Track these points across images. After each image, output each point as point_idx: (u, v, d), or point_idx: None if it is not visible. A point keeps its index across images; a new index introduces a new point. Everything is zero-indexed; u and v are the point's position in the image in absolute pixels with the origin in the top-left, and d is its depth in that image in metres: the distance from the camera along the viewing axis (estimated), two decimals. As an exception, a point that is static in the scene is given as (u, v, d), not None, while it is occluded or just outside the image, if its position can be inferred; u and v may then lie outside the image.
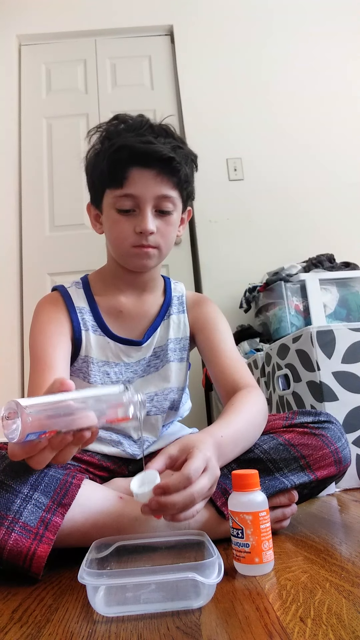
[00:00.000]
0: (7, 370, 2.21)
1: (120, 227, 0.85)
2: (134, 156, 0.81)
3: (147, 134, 0.83)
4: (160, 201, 0.84)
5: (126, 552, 0.64)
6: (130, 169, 0.82)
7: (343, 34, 2.58)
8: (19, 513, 0.64)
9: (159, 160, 0.81)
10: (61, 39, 2.57)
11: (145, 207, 0.83)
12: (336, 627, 0.44)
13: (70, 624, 0.50)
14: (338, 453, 0.79)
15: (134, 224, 0.84)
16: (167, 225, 0.87)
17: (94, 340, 0.90)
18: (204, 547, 0.61)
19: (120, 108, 2.48)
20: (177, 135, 0.89)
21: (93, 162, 0.89)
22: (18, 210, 2.39)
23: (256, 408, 0.80)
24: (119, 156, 0.82)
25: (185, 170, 0.85)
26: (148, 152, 0.81)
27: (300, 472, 0.77)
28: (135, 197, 0.83)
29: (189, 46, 2.54)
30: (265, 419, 0.82)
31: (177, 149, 0.84)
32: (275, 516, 0.77)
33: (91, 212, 0.94)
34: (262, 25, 2.57)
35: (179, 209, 0.90)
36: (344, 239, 2.29)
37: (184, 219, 0.96)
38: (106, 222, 0.89)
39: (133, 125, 0.86)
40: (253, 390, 0.83)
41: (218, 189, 2.39)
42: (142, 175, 0.82)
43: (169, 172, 0.83)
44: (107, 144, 0.85)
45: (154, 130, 0.85)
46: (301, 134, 2.46)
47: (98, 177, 0.87)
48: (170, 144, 0.84)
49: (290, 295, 1.79)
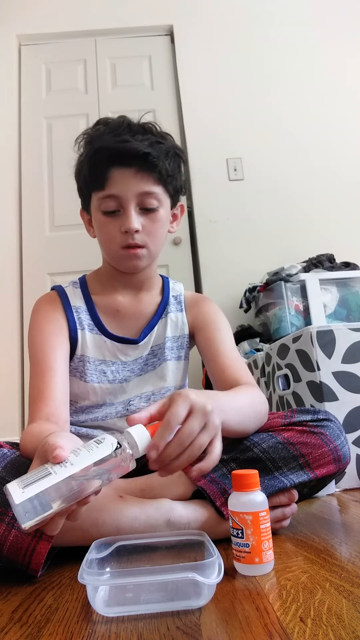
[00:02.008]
0: (7, 370, 2.21)
1: (108, 229, 0.86)
2: (111, 156, 0.82)
3: (124, 134, 0.84)
4: (143, 198, 0.84)
5: (126, 552, 0.64)
6: (110, 170, 0.83)
7: (344, 34, 2.58)
8: None
9: (135, 158, 0.82)
10: (61, 39, 2.57)
11: (128, 206, 0.83)
12: (336, 627, 0.44)
13: (70, 624, 0.50)
14: (337, 451, 0.79)
15: (120, 224, 0.84)
16: (153, 223, 0.86)
17: (90, 339, 0.91)
18: (204, 547, 0.61)
19: (120, 108, 2.49)
20: (157, 131, 0.89)
21: (78, 168, 0.90)
22: (18, 210, 2.39)
23: (257, 398, 0.81)
24: (98, 158, 0.83)
25: (165, 165, 0.85)
26: (124, 151, 0.82)
27: (299, 470, 0.77)
28: (118, 197, 0.83)
29: (189, 46, 2.54)
30: (265, 413, 0.82)
31: (155, 144, 0.84)
32: (275, 516, 0.76)
33: (84, 218, 0.95)
34: (262, 25, 2.57)
35: (166, 204, 0.89)
36: (344, 239, 2.29)
37: (176, 215, 0.96)
38: (95, 225, 0.90)
39: (112, 126, 0.86)
40: (253, 386, 0.84)
41: (218, 189, 2.39)
42: (121, 174, 0.83)
43: (147, 168, 0.83)
44: (88, 148, 0.87)
45: (131, 129, 0.86)
46: (301, 133, 2.46)
47: (83, 182, 0.89)
48: (147, 141, 0.84)
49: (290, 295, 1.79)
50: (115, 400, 0.91)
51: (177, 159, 0.90)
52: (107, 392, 0.91)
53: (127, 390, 0.92)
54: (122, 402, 0.92)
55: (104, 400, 0.91)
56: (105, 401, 0.91)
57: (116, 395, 0.91)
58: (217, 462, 0.61)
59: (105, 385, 0.90)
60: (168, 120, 2.49)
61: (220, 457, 0.77)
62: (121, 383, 0.91)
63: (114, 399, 0.91)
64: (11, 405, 2.15)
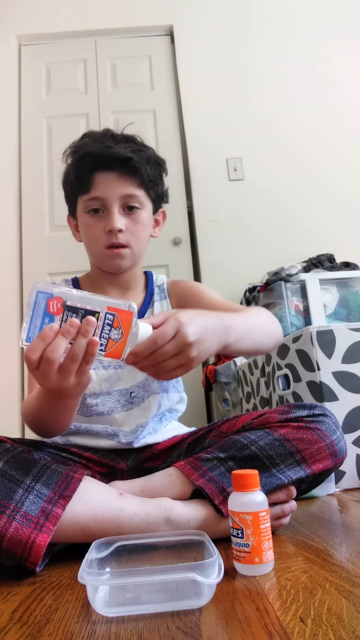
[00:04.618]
0: (7, 370, 2.21)
1: (93, 230, 0.92)
2: (96, 161, 0.89)
3: (107, 142, 0.91)
4: (126, 200, 0.90)
5: (126, 552, 0.64)
6: (94, 174, 0.89)
7: (344, 35, 2.58)
8: (20, 502, 0.65)
9: (118, 162, 0.89)
10: (61, 39, 2.57)
11: (111, 207, 0.89)
12: (336, 627, 0.44)
13: (70, 624, 0.50)
14: (333, 446, 0.79)
15: (104, 225, 0.90)
16: (136, 224, 0.92)
17: None
18: (204, 547, 0.61)
19: (120, 108, 2.49)
20: (138, 141, 0.96)
21: (65, 176, 0.97)
22: (18, 210, 2.39)
23: (267, 317, 0.87)
24: (84, 163, 0.90)
25: (147, 171, 0.92)
26: (107, 155, 0.89)
27: (296, 466, 0.77)
28: (102, 199, 0.90)
29: (189, 46, 2.54)
30: (279, 331, 0.89)
31: (137, 151, 0.92)
32: (275, 513, 0.77)
33: (71, 223, 1.01)
34: (262, 26, 2.57)
35: (148, 208, 0.95)
36: (344, 239, 2.29)
37: (158, 221, 1.02)
38: (81, 228, 0.96)
39: (97, 137, 0.94)
40: (260, 308, 0.89)
41: (218, 189, 2.39)
42: (105, 177, 0.89)
43: (130, 172, 0.89)
44: (74, 156, 0.94)
45: (115, 138, 0.94)
46: (301, 133, 2.46)
47: (69, 187, 0.96)
48: (130, 148, 0.91)
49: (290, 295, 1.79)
50: (112, 388, 0.92)
51: (158, 167, 0.97)
52: (102, 378, 0.92)
53: (121, 378, 0.93)
54: (118, 391, 0.92)
55: (100, 388, 0.92)
56: (102, 389, 0.92)
57: (112, 383, 0.92)
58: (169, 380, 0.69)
59: (100, 371, 0.92)
60: (168, 120, 2.49)
61: (218, 456, 0.78)
62: (115, 369, 0.93)
63: (110, 387, 0.92)
64: (11, 405, 2.15)
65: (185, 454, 0.89)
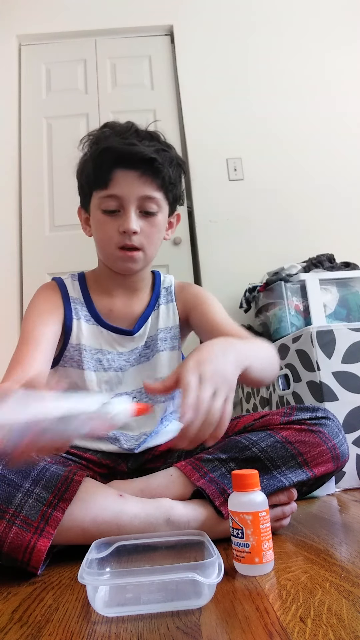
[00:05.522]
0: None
1: (106, 228, 0.87)
2: (117, 158, 0.84)
3: (131, 138, 0.86)
4: (144, 202, 0.86)
5: (126, 552, 0.64)
6: (114, 170, 0.84)
7: (344, 35, 2.58)
8: (20, 507, 0.65)
9: (141, 161, 0.84)
10: (61, 39, 2.57)
11: (128, 207, 0.85)
12: (336, 627, 0.44)
13: (70, 624, 0.50)
14: (336, 449, 0.79)
15: (119, 224, 0.86)
16: (152, 227, 0.88)
17: (86, 329, 0.92)
18: (204, 547, 0.61)
19: (120, 108, 2.49)
20: (162, 140, 0.92)
21: (82, 166, 0.92)
22: (18, 210, 2.39)
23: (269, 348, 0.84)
24: (104, 158, 0.85)
25: (169, 172, 0.87)
26: (131, 154, 0.84)
27: (298, 469, 0.77)
28: (120, 198, 0.85)
29: (189, 46, 2.54)
30: (278, 363, 0.85)
31: (161, 152, 0.87)
32: (275, 514, 0.77)
33: (81, 216, 0.97)
34: (263, 26, 2.57)
35: (165, 211, 0.91)
36: (343, 239, 2.29)
37: (172, 223, 0.98)
38: (93, 223, 0.91)
39: (119, 130, 0.89)
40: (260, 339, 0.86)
41: (218, 189, 2.39)
42: (126, 176, 0.84)
43: (152, 173, 0.85)
44: (94, 148, 0.89)
45: (138, 134, 0.88)
46: (301, 133, 2.46)
47: (85, 180, 0.90)
48: (153, 147, 0.86)
49: (290, 295, 1.79)
50: (112, 391, 0.92)
51: (179, 169, 0.92)
52: (103, 380, 0.91)
53: (122, 381, 0.92)
54: (119, 395, 0.92)
55: (100, 389, 0.91)
56: (102, 391, 0.92)
57: (112, 386, 0.92)
58: (228, 423, 0.61)
59: (101, 373, 0.91)
60: (168, 120, 2.49)
61: (219, 457, 0.78)
62: (117, 372, 0.92)
63: (110, 390, 0.92)
64: (11, 405, 2.15)
65: (186, 454, 0.89)
